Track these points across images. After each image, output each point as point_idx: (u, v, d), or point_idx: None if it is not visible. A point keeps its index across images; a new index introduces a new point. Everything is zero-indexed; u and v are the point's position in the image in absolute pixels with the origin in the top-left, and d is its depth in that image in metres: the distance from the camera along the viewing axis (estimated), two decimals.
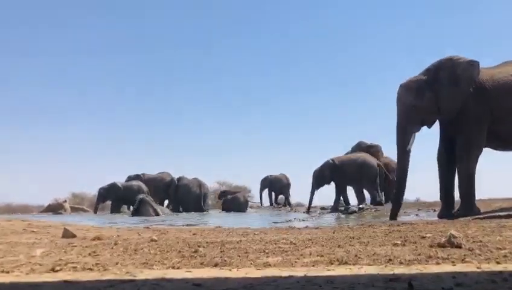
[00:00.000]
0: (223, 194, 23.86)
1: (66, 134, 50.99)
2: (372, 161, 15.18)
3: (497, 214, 7.92)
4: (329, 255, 2.60)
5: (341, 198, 16.17)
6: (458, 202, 8.88)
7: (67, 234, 4.65)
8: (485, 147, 8.97)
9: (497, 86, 8.46)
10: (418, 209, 11.95)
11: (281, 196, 26.24)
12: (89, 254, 2.81)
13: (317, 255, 2.61)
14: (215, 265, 2.25)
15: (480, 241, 3.14)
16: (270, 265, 2.23)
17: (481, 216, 7.95)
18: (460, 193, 8.79)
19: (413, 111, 8.59)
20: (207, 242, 3.71)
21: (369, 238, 3.73)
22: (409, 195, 21.15)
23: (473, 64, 8.44)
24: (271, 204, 25.79)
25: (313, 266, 2.13)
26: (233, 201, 20.74)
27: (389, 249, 2.82)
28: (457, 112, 8.44)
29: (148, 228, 7.13)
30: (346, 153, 18.04)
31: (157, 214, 16.44)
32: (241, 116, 56.04)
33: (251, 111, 57.20)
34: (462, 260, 2.21)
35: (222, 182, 30.09)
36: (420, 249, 2.76)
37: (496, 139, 8.77)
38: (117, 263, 2.36)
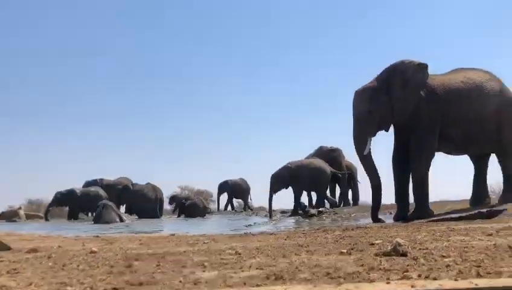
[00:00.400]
0: (173, 199, 23.49)
1: (22, 139, 48.94)
2: (326, 166, 15.35)
3: (449, 216, 8.04)
4: (270, 268, 2.46)
5: (301, 201, 16.24)
6: (413, 204, 9.02)
7: (1, 246, 4.32)
8: (438, 151, 9.15)
9: (448, 92, 8.65)
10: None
11: (239, 200, 26.18)
12: (7, 272, 2.55)
13: (257, 268, 2.46)
14: (140, 284, 2.05)
15: (427, 248, 3.08)
16: (200, 282, 2.06)
17: (434, 218, 8.05)
18: (414, 196, 8.92)
19: (369, 116, 8.67)
20: (148, 254, 3.50)
21: (317, 246, 3.62)
22: (368, 198, 21.41)
23: (422, 67, 8.60)
24: (232, 209, 25.61)
25: (245, 284, 1.97)
26: (191, 207, 20.40)
27: (333, 260, 2.70)
28: (410, 115, 8.56)
29: (97, 236, 6.81)
30: (306, 158, 18.11)
31: (121, 220, 15.97)
32: (206, 120, 55.48)
33: (213, 115, 56.77)
34: (404, 271, 2.11)
35: (184, 186, 29.62)
36: (365, 259, 2.66)
37: (448, 143, 8.96)
38: (31, 284, 2.13)
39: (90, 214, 20.58)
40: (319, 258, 2.82)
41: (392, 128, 9.14)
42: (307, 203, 16.88)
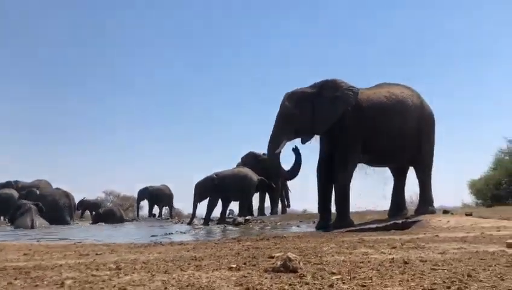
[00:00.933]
0: (81, 204, 22.32)
1: None
2: (253, 175, 15.28)
3: (367, 226, 8.10)
4: (136, 288, 2.12)
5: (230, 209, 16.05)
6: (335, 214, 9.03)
7: None
8: (361, 162, 9.26)
9: (372, 106, 8.79)
10: (300, 221, 12.04)
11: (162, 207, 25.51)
12: None
13: (119, 289, 2.12)
14: None
15: (322, 263, 2.88)
16: None
17: (353, 228, 8.08)
18: (336, 206, 8.94)
19: (290, 120, 8.65)
20: (15, 268, 3.04)
21: (213, 259, 3.33)
22: (298, 206, 21.58)
23: (353, 91, 8.70)
24: (159, 216, 24.70)
25: None
26: (107, 214, 19.49)
27: (215, 277, 2.41)
28: (337, 127, 8.60)
29: None
30: (237, 164, 17.88)
31: (32, 227, 14.77)
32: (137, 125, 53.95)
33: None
34: None
35: (109, 191, 28.32)
36: (250, 276, 2.39)
37: (370, 156, 9.09)
38: None
39: (2, 217, 19.06)
40: (202, 275, 2.52)
41: (318, 140, 9.17)
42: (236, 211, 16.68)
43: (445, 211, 9.34)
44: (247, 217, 14.94)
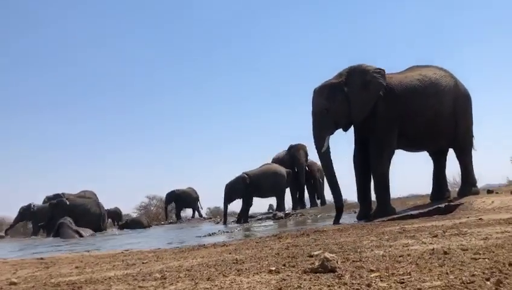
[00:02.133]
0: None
1: None
2: (282, 170, 15.25)
3: (409, 213, 8.00)
4: None
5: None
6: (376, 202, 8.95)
7: None
8: (397, 148, 9.13)
9: (405, 90, 8.64)
10: None
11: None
12: None
13: None
14: None
15: (361, 259, 2.89)
16: None
17: (395, 216, 8.00)
18: (375, 194, 8.86)
19: (326, 114, 8.62)
20: (67, 283, 3.21)
21: (254, 262, 3.40)
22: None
23: (380, 72, 8.59)
24: (178, 218, 25.07)
25: None
26: (135, 222, 20.33)
27: (255, 282, 2.48)
28: (369, 114, 8.52)
29: (41, 258, 6.41)
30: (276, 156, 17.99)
31: (80, 235, 15.46)
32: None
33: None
34: None
35: (152, 196, 29.03)
36: (288, 279, 2.44)
37: (407, 141, 8.95)
38: None
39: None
40: (243, 279, 2.60)
41: (352, 128, 9.10)
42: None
43: (489, 191, 9.10)
44: (287, 212, 15.05)
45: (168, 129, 57.57)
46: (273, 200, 17.12)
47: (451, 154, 9.64)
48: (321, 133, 8.75)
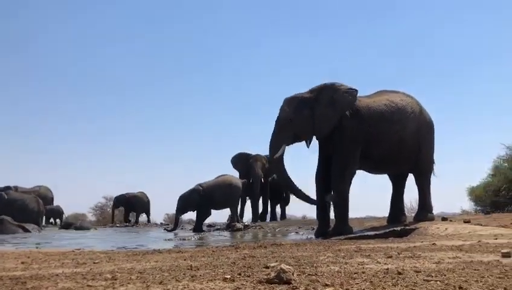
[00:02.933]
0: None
1: None
2: (238, 182, 15.39)
3: (366, 233, 8.12)
4: None
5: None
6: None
7: None
8: (360, 169, 9.30)
9: (372, 114, 8.83)
10: (299, 227, 12.05)
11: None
12: None
13: None
14: None
15: (316, 274, 2.89)
16: None
17: (351, 235, 8.10)
18: (334, 213, 8.95)
19: (289, 125, 8.74)
20: (11, 278, 3.06)
21: (209, 269, 3.35)
22: (296, 212, 21.56)
23: (351, 93, 8.74)
24: (126, 221, 24.54)
25: None
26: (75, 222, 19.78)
27: (210, 288, 2.44)
28: (334, 133, 8.65)
29: None
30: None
31: (26, 230, 14.89)
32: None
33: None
34: None
35: (109, 197, 28.30)
36: (244, 288, 2.41)
37: (369, 163, 9.14)
38: None
39: None
40: (196, 285, 2.54)
41: (317, 145, 9.21)
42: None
43: (444, 218, 9.35)
44: (246, 223, 15.00)
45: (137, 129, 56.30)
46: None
47: (410, 180, 9.89)
48: (278, 142, 8.84)
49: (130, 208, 24.77)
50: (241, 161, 17.83)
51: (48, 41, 52.30)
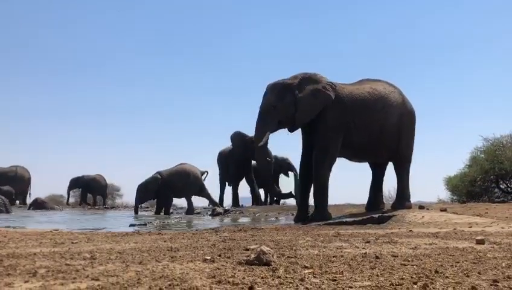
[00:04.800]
0: None
1: None
2: (196, 170, 15.40)
3: (344, 220, 8.22)
4: (110, 278, 2.13)
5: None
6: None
7: None
8: (340, 156, 9.37)
9: (355, 101, 8.87)
10: (279, 213, 12.12)
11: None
12: None
13: (93, 279, 2.13)
14: None
15: (296, 256, 2.93)
16: None
17: (330, 221, 8.19)
18: (314, 199, 9.03)
19: (272, 111, 8.73)
20: None
21: (189, 251, 3.35)
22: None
23: (331, 86, 8.79)
24: (81, 204, 24.40)
25: None
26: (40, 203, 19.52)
27: (188, 269, 2.44)
28: (317, 121, 8.68)
29: None
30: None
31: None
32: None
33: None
34: (250, 288, 1.90)
35: None
36: (223, 269, 2.42)
37: (350, 151, 9.21)
38: None
39: None
40: (176, 266, 2.54)
41: (300, 132, 9.25)
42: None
43: (421, 207, 9.51)
44: (226, 208, 15.03)
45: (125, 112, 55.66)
46: (215, 195, 17.02)
47: (389, 168, 10.01)
48: (263, 128, 8.85)
49: (87, 190, 24.69)
50: (239, 140, 17.32)
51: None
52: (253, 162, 17.03)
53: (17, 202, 20.69)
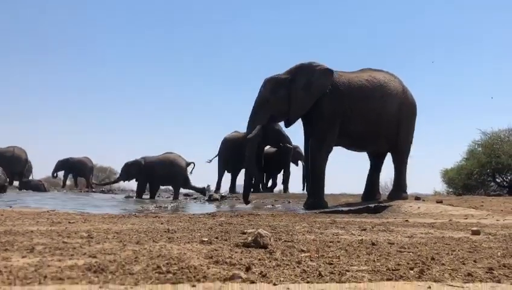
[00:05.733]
0: None
1: None
2: (180, 160, 15.53)
3: (340, 209, 8.27)
4: (107, 256, 2.13)
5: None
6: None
7: None
8: (339, 145, 9.39)
9: (352, 90, 8.85)
10: (275, 201, 12.15)
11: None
12: None
13: (91, 256, 2.13)
14: None
15: (293, 240, 2.94)
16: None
17: (327, 210, 8.23)
18: (310, 186, 9.09)
19: (265, 105, 8.82)
20: None
21: (186, 233, 3.36)
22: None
23: (327, 73, 8.73)
24: (76, 186, 24.85)
25: (45, 277, 1.64)
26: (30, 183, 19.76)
27: (186, 249, 2.44)
28: (314, 110, 8.69)
29: None
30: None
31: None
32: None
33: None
34: (247, 267, 1.90)
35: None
36: (220, 250, 2.43)
37: (348, 139, 9.22)
38: None
39: None
40: (173, 246, 2.55)
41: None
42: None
43: (417, 198, 9.56)
44: (223, 194, 15.09)
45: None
46: (210, 181, 17.15)
47: (387, 159, 10.02)
48: (255, 122, 9.01)
49: (74, 172, 24.88)
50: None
51: None
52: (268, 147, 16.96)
53: (16, 183, 20.72)
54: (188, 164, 15.67)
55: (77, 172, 24.88)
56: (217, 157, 17.68)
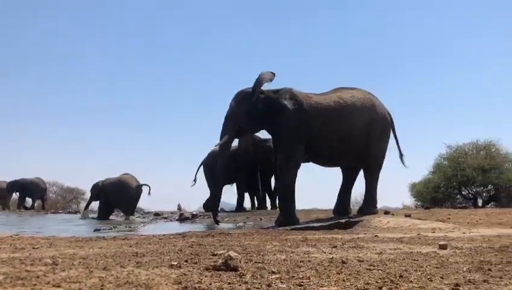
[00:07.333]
0: None
1: None
2: (132, 182, 15.83)
3: (311, 225, 8.29)
4: (72, 285, 2.07)
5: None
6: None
7: None
8: (312, 162, 9.50)
9: (319, 110, 8.97)
10: (247, 218, 12.10)
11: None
12: None
13: (54, 286, 2.06)
14: None
15: (263, 261, 2.92)
16: None
17: (298, 226, 8.24)
18: (279, 203, 9.15)
19: (233, 117, 8.95)
20: None
21: (155, 256, 3.29)
22: (246, 203, 21.43)
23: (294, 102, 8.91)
24: (20, 207, 24.16)
25: None
26: None
27: (154, 275, 2.39)
28: (281, 128, 8.83)
29: None
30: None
31: None
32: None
33: None
34: None
35: (52, 182, 27.42)
36: (189, 275, 2.39)
37: (319, 157, 9.35)
38: None
39: None
40: (141, 272, 2.49)
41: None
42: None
43: (386, 212, 9.69)
44: (194, 213, 14.92)
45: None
46: (181, 200, 17.08)
47: (360, 174, 10.11)
48: (223, 133, 9.20)
49: (25, 193, 24.33)
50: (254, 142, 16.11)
51: None
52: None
53: None
54: (140, 186, 15.95)
55: (29, 193, 24.22)
56: (203, 174, 16.79)
